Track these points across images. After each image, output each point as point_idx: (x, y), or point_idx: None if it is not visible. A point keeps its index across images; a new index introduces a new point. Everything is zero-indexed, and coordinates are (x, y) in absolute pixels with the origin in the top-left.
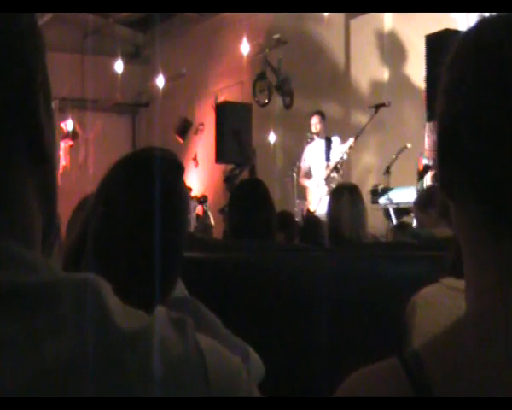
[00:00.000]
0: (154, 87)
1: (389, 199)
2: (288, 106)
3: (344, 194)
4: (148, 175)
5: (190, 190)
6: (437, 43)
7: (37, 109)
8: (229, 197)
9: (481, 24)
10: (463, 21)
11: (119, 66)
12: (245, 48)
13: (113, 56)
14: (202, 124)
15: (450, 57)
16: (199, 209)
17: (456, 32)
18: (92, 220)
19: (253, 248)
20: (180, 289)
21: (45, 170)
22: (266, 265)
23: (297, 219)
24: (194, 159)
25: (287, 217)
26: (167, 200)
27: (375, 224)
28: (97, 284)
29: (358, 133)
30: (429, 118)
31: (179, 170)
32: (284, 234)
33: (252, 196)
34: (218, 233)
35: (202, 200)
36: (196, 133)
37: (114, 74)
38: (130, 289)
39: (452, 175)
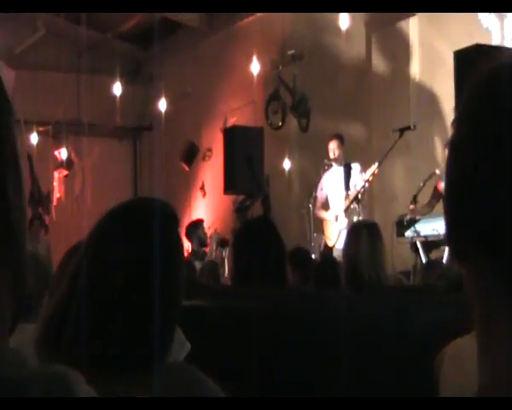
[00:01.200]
0: (157, 109)
1: (416, 231)
2: (304, 128)
3: (362, 233)
4: (141, 230)
5: (202, 221)
6: (467, 60)
7: (4, 185)
8: (233, 238)
9: (494, 73)
10: (497, 33)
11: (118, 85)
12: (256, 65)
13: (112, 75)
14: (210, 149)
15: (460, 108)
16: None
17: (488, 47)
18: (81, 276)
19: (262, 296)
20: (180, 342)
21: (13, 250)
22: (278, 314)
23: (314, 256)
24: (202, 188)
25: (302, 255)
26: (162, 256)
27: (402, 259)
28: (67, 379)
29: (381, 159)
30: None
31: (174, 223)
32: (299, 274)
33: (260, 236)
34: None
35: (223, 243)
36: (204, 159)
37: (113, 95)
38: (126, 348)
39: (464, 237)
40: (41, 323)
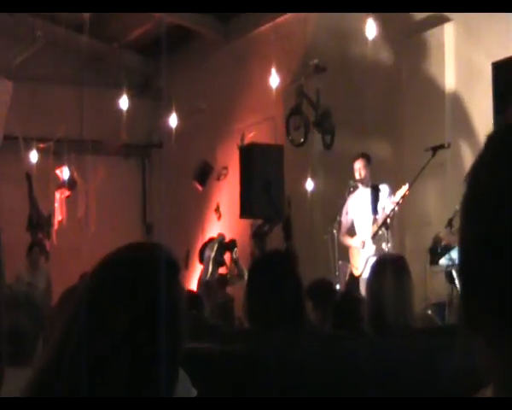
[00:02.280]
0: (168, 124)
1: (451, 259)
2: (328, 146)
3: (387, 269)
4: (140, 281)
5: (222, 235)
6: (506, 72)
7: None
8: (248, 272)
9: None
10: None
11: (125, 99)
12: (275, 77)
13: (118, 89)
14: (226, 168)
15: (477, 163)
16: (224, 258)
17: None
18: (77, 323)
19: (278, 340)
20: (185, 388)
21: None
22: (294, 360)
23: (338, 287)
24: (217, 210)
25: (324, 288)
26: (153, 313)
27: (436, 289)
28: None
29: (413, 180)
30: None
31: (175, 272)
32: (321, 310)
33: (276, 272)
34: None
35: (230, 245)
36: (219, 179)
37: (119, 110)
38: (131, 392)
39: (481, 307)
40: (35, 372)
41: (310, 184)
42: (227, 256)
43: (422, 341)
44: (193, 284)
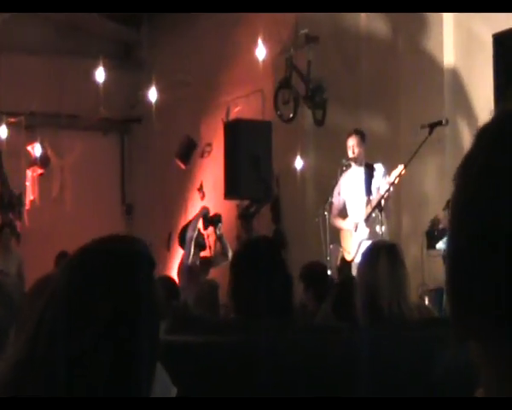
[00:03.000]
0: (149, 98)
1: None
2: (319, 122)
3: (380, 257)
4: (120, 273)
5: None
6: (508, 44)
7: None
8: (233, 259)
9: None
10: None
11: (103, 71)
12: (262, 48)
13: (97, 59)
14: (210, 144)
15: (465, 162)
16: (208, 233)
17: None
18: (50, 319)
19: (268, 331)
20: (165, 386)
21: None
22: (285, 351)
23: (330, 272)
24: (200, 189)
25: (317, 271)
26: (135, 307)
27: (433, 274)
28: None
29: (409, 160)
30: None
31: (149, 268)
32: (313, 292)
33: (260, 261)
34: None
35: (215, 220)
36: (202, 156)
37: (98, 82)
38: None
39: (474, 307)
40: (6, 366)
41: (299, 163)
42: (211, 232)
43: (417, 331)
44: (175, 269)
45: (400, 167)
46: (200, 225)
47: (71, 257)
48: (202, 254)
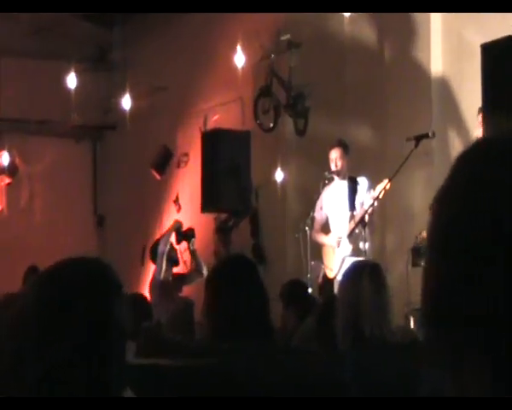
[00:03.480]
0: (124, 104)
1: None
2: (301, 132)
3: (363, 277)
4: (80, 297)
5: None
6: (497, 55)
7: None
8: (209, 278)
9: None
10: None
11: (76, 74)
12: (242, 55)
13: (69, 62)
14: (186, 154)
15: (442, 191)
16: (181, 249)
17: None
18: (15, 341)
19: (242, 353)
20: None
21: None
22: (262, 375)
23: (310, 290)
24: (176, 201)
25: (298, 290)
26: (102, 328)
27: (418, 293)
28: None
29: (394, 174)
30: None
31: (117, 291)
32: (293, 312)
33: (237, 280)
34: None
35: (188, 235)
36: (179, 166)
37: (70, 86)
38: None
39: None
40: None
41: (280, 175)
42: (183, 247)
43: (399, 356)
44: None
45: (385, 181)
46: (174, 239)
47: (40, 274)
48: (175, 269)
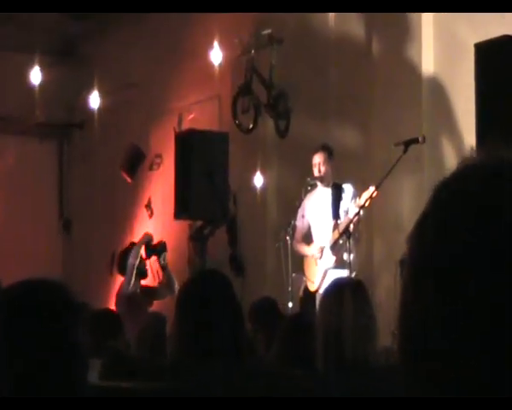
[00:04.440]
0: (92, 101)
1: None
2: (282, 133)
3: (345, 296)
4: (32, 323)
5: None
6: (491, 55)
7: None
8: (178, 296)
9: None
10: None
11: (41, 68)
12: (219, 50)
13: (33, 54)
14: (160, 156)
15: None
16: (151, 261)
17: None
18: None
19: (208, 376)
20: None
21: None
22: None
23: (291, 305)
24: (148, 206)
25: (267, 309)
26: (55, 354)
27: None
28: None
29: (381, 181)
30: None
31: (70, 310)
32: (263, 334)
33: (207, 300)
34: None
35: (159, 249)
36: (151, 169)
37: (34, 80)
38: None
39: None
40: None
41: (259, 179)
42: (154, 261)
43: (382, 379)
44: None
45: (372, 189)
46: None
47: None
48: (144, 282)
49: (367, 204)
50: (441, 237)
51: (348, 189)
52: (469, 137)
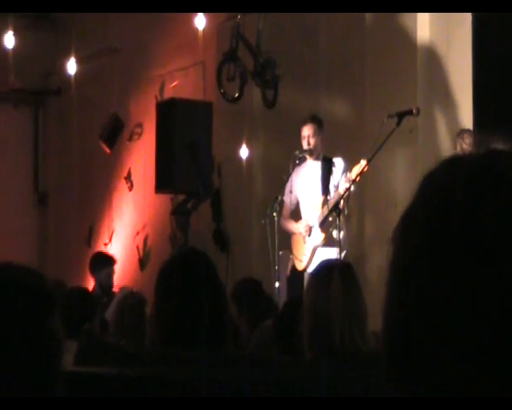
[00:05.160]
0: (70, 66)
1: None
2: (269, 103)
3: (332, 279)
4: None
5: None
6: (489, 25)
7: None
8: (156, 282)
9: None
10: None
11: (14, 32)
12: (202, 16)
13: (6, 17)
14: (140, 125)
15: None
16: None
17: None
18: None
19: (185, 362)
20: None
21: None
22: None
23: (278, 284)
24: (128, 178)
25: (250, 289)
26: (32, 349)
27: None
28: None
29: (373, 153)
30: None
31: (48, 306)
32: (246, 316)
33: (188, 280)
34: None
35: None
36: (131, 139)
37: (7, 45)
38: None
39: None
40: None
41: (245, 151)
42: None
43: (372, 365)
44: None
45: (362, 164)
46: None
47: None
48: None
49: (358, 179)
50: (427, 239)
51: (339, 163)
52: (466, 110)
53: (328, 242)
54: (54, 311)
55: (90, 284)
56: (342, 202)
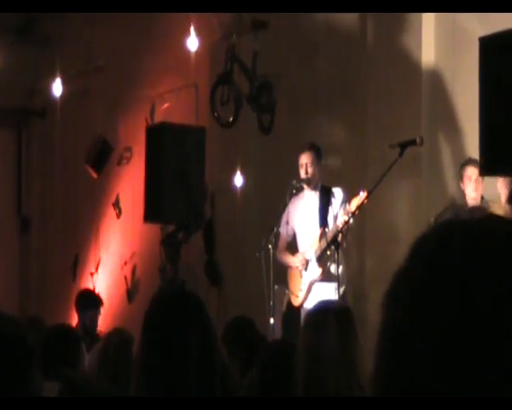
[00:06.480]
0: (55, 86)
1: None
2: (266, 129)
3: (329, 323)
4: None
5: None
6: (496, 50)
7: None
8: (142, 325)
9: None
10: None
11: None
12: (201, 31)
13: None
14: (129, 149)
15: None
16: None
17: None
18: None
19: None
20: None
21: None
22: None
23: (272, 321)
24: (116, 205)
25: (242, 329)
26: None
27: None
28: None
29: (375, 185)
30: (486, 164)
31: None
32: (238, 359)
33: (176, 327)
34: None
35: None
36: (120, 163)
37: None
38: None
39: None
40: None
41: (240, 179)
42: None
43: None
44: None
45: (362, 196)
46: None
47: None
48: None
49: (358, 211)
50: (419, 305)
51: (338, 193)
52: (472, 140)
53: (326, 277)
54: (32, 363)
55: (74, 318)
56: (341, 235)
